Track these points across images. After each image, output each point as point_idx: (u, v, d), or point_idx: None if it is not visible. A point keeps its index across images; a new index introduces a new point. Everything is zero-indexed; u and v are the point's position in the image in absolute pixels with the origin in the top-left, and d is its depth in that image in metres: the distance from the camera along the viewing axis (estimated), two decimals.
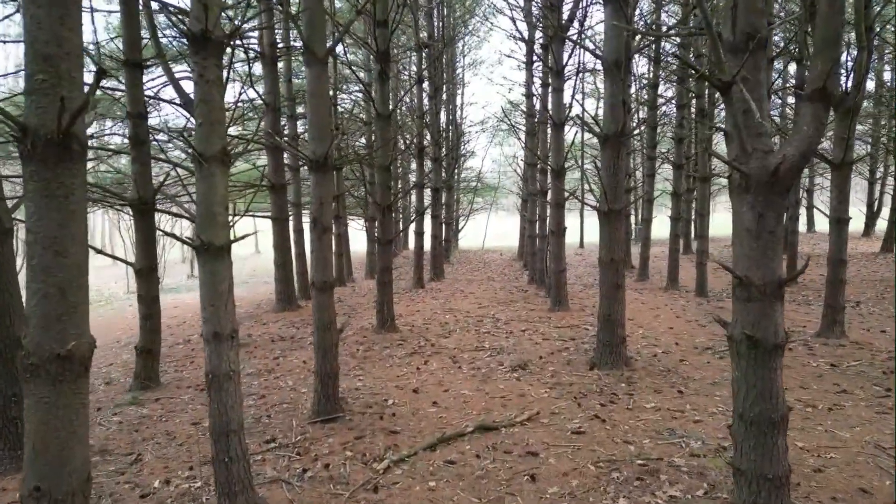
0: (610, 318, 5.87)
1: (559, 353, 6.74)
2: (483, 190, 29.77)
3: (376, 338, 7.85)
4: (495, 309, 9.86)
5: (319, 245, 4.76)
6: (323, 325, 4.77)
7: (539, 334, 7.76)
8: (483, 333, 7.93)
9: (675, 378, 5.62)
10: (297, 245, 11.69)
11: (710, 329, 7.85)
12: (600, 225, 5.93)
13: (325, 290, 4.76)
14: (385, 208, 7.84)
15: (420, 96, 12.77)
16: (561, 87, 8.75)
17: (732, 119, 2.80)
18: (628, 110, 5.68)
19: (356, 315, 9.88)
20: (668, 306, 9.83)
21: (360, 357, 6.94)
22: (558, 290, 9.05)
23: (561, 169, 8.78)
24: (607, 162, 5.74)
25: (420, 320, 9.05)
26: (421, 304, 10.85)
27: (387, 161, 7.81)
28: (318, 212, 4.73)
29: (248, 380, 6.27)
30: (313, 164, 4.69)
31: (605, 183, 5.68)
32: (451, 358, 6.71)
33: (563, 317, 8.80)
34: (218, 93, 3.21)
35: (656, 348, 6.83)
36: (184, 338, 8.86)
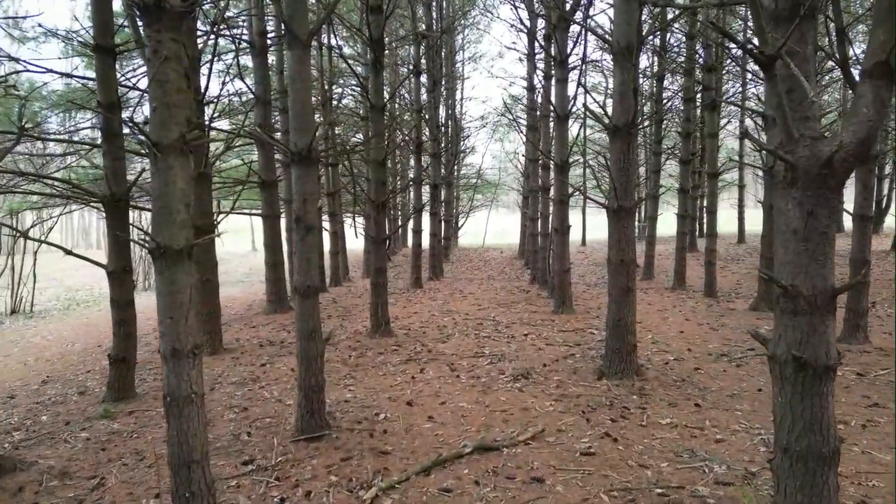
0: (620, 324, 5.44)
1: (564, 360, 6.32)
2: (483, 187, 29.33)
3: (370, 343, 7.42)
4: (496, 311, 9.44)
5: (303, 246, 4.33)
6: (306, 333, 4.34)
7: (542, 339, 7.34)
8: (483, 338, 7.50)
9: (690, 389, 5.20)
10: (290, 244, 11.25)
11: (722, 333, 7.43)
12: (609, 223, 5.50)
13: (308, 295, 4.33)
14: (379, 205, 7.41)
15: (418, 90, 12.32)
16: (565, 78, 8.30)
17: (776, 99, 2.36)
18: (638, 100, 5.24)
19: (350, 317, 9.46)
20: (676, 308, 9.41)
21: (351, 364, 6.52)
22: (562, 291, 8.63)
23: (564, 164, 8.35)
24: (617, 155, 5.31)
25: (417, 323, 8.63)
26: (418, 305, 10.42)
27: (381, 156, 7.38)
28: (302, 209, 4.30)
29: (231, 389, 5.86)
30: (295, 156, 4.26)
31: (615, 178, 5.25)
32: (449, 365, 6.29)
33: (567, 320, 8.37)
34: (176, 72, 2.78)
35: (668, 355, 6.41)
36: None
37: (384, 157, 7.39)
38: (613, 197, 5.31)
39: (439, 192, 14.65)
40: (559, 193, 8.47)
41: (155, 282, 2.88)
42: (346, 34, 13.23)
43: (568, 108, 8.34)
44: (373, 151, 7.46)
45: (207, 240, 6.90)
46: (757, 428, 4.28)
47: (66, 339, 9.83)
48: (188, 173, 2.86)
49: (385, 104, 7.38)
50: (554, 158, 8.40)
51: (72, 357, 8.34)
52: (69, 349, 9.06)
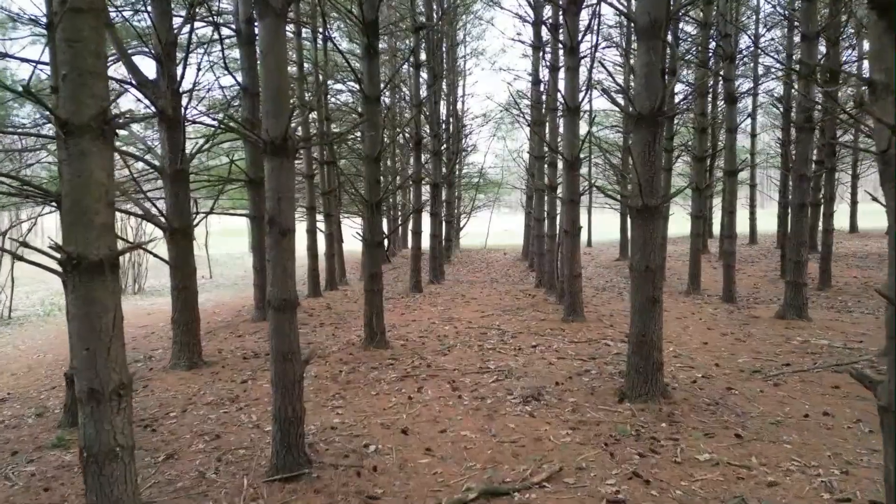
0: (644, 340, 4.78)
1: (579, 377, 5.65)
2: (485, 186, 28.65)
3: (363, 356, 6.77)
4: (501, 318, 8.78)
5: (278, 251, 3.68)
6: (282, 354, 3.69)
7: (553, 351, 6.68)
8: (487, 350, 6.84)
9: (726, 414, 4.53)
10: None
11: (751, 345, 6.76)
12: (633, 225, 4.84)
13: (284, 309, 3.68)
14: (373, 205, 6.76)
15: (417, 83, 11.67)
16: (575, 66, 7.64)
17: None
18: (668, 81, 4.58)
19: (344, 325, 8.80)
20: (695, 315, 8.74)
21: (342, 382, 5.86)
22: (573, 297, 7.97)
23: (575, 160, 7.69)
24: (642, 147, 4.65)
25: (415, 333, 7.97)
26: (417, 311, 9.77)
27: (375, 151, 6.73)
28: (276, 209, 3.65)
29: (205, 411, 5.21)
30: (268, 146, 3.61)
31: (640, 172, 4.59)
32: (450, 383, 5.63)
33: (578, 329, 7.71)
34: (93, 29, 2.12)
35: (694, 371, 5.75)
36: (145, 353, 7.79)
37: (379, 152, 6.74)
38: (638, 194, 4.65)
39: (440, 192, 14.00)
40: (569, 192, 7.81)
41: (66, 302, 2.22)
42: (338, 17, 12.55)
43: (579, 100, 7.68)
44: (367, 146, 6.81)
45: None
46: (813, 466, 3.62)
47: (38, 349, 9.19)
48: (109, 162, 2.21)
49: (381, 94, 6.73)
50: (563, 154, 7.74)
51: (40, 370, 7.70)
52: (39, 360, 8.43)
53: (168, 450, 4.35)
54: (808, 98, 6.78)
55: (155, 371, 6.71)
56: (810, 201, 7.89)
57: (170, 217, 6.42)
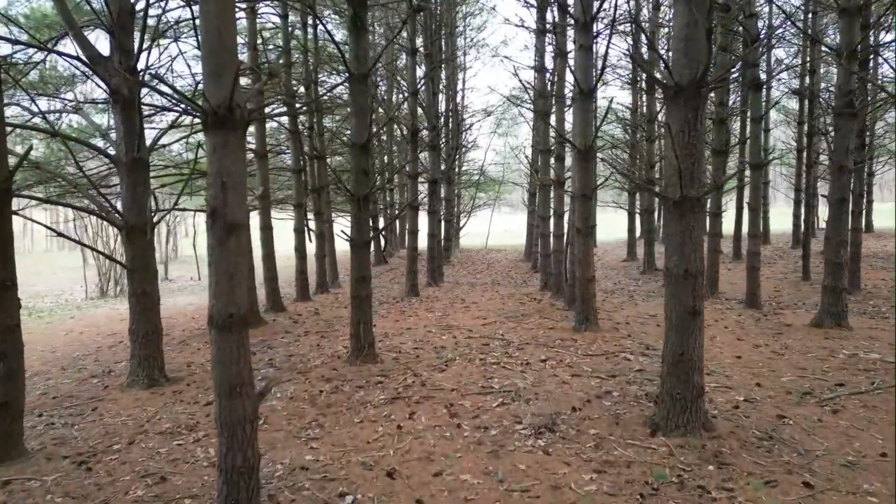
0: (682, 359, 3.94)
1: (599, 400, 4.82)
2: (486, 184, 27.80)
3: (349, 372, 5.93)
4: (504, 326, 7.94)
5: (222, 253, 2.84)
6: (228, 388, 2.85)
7: (565, 367, 5.84)
8: (490, 365, 6.01)
9: (785, 453, 3.70)
10: (265, 245, 9.78)
11: (791, 360, 5.93)
12: (668, 221, 4.01)
13: (231, 328, 2.84)
14: (360, 200, 5.92)
15: (413, 70, 10.84)
16: (589, 45, 6.81)
17: None
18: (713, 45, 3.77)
19: (331, 334, 7.97)
20: (719, 322, 7.90)
21: (321, 405, 5.02)
22: (585, 304, 7.12)
23: (588, 149, 6.85)
24: (680, 125, 3.81)
25: (409, 343, 7.13)
26: (413, 318, 8.93)
27: (362, 138, 5.89)
28: (219, 198, 2.81)
29: (156, 443, 4.37)
30: (209, 116, 2.77)
31: (679, 157, 3.75)
32: (448, 407, 4.80)
33: (593, 339, 6.87)
34: None
35: (733, 393, 4.91)
36: (106, 367, 6.95)
37: (367, 139, 5.90)
38: (676, 183, 3.81)
39: (438, 189, 13.15)
40: (581, 185, 6.96)
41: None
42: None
43: (593, 82, 6.84)
44: (353, 132, 5.97)
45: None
46: None
47: None
48: None
49: (368, 73, 5.89)
50: (575, 143, 6.90)
51: None
52: None
53: (99, 498, 3.52)
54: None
55: (110, 389, 5.87)
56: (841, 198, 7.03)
57: (126, 213, 5.59)
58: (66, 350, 8.37)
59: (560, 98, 9.66)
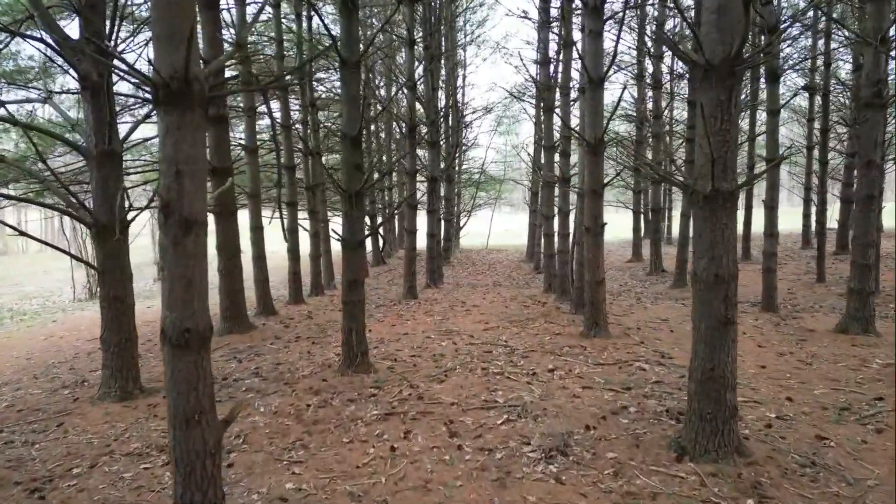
0: (713, 376, 3.48)
1: (615, 416, 4.35)
2: (486, 183, 27.33)
3: (340, 383, 5.46)
4: (508, 331, 7.47)
5: (177, 256, 2.38)
6: (184, 417, 2.39)
7: (575, 377, 5.38)
8: (493, 375, 5.54)
9: (832, 482, 3.23)
10: (256, 246, 9.31)
11: (821, 370, 5.46)
12: (696, 217, 3.54)
13: (188, 346, 2.38)
14: (352, 196, 5.45)
15: (411, 63, 10.37)
16: (599, 30, 6.34)
17: None
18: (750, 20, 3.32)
19: (324, 340, 7.50)
20: (738, 327, 7.42)
21: (308, 421, 4.55)
22: (595, 308, 6.65)
23: (599, 142, 6.38)
24: (713, 109, 3.35)
25: (406, 350, 6.67)
26: (411, 322, 8.46)
27: (354, 129, 5.42)
28: (174, 189, 2.35)
29: (121, 466, 3.92)
30: (159, 90, 2.30)
31: (712, 144, 3.28)
32: (447, 424, 4.33)
33: (603, 346, 6.40)
34: None
35: (762, 408, 4.44)
36: (80, 376, 6.47)
37: (359, 130, 5.43)
38: (707, 175, 3.34)
39: (438, 187, 12.68)
40: (591, 181, 6.49)
41: None
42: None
43: (603, 70, 6.38)
44: (344, 122, 5.50)
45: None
46: None
47: None
48: None
49: (361, 59, 5.42)
50: (584, 136, 6.43)
51: None
52: None
53: None
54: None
55: (80, 402, 5.40)
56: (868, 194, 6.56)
57: (96, 210, 5.12)
58: (42, 356, 7.90)
59: (566, 90, 9.19)
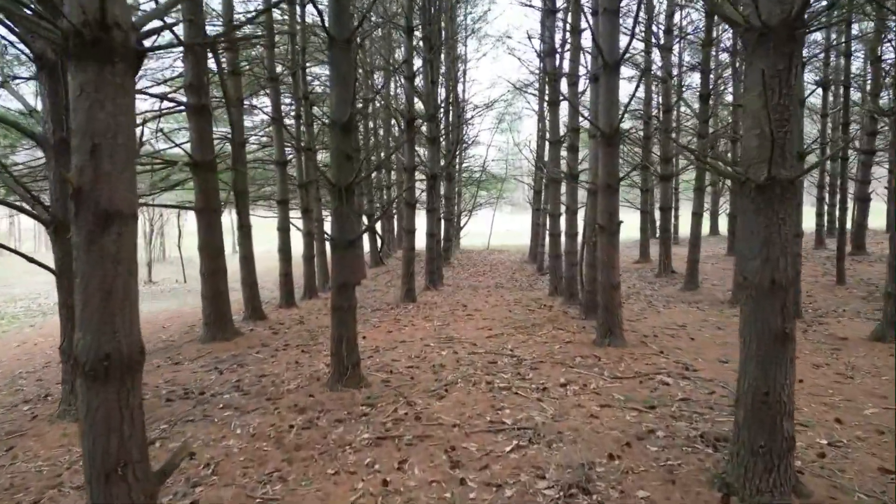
0: (768, 402, 2.91)
1: (640, 442, 3.78)
2: (487, 182, 26.75)
3: (328, 399, 4.89)
4: (513, 338, 6.90)
5: (92, 258, 1.80)
6: (103, 469, 1.82)
7: (592, 393, 4.81)
8: (499, 390, 4.96)
9: None
10: (243, 246, 8.75)
11: (864, 385, 4.90)
12: (745, 210, 2.97)
13: (106, 377, 1.80)
14: (342, 191, 4.88)
15: (409, 50, 9.79)
16: (615, 8, 5.78)
17: None
18: None
19: (314, 348, 6.93)
20: None
21: (289, 446, 3.98)
22: (609, 314, 6.08)
23: (614, 132, 5.81)
24: (769, 80, 2.77)
25: (403, 360, 6.09)
26: (409, 328, 7.89)
27: (344, 116, 4.84)
28: (88, 170, 1.78)
29: (69, 501, 3.34)
30: (69, 39, 1.73)
31: (773, 124, 2.71)
32: (448, 452, 3.76)
33: (619, 356, 5.83)
34: None
35: (811, 433, 3.87)
36: (45, 389, 5.89)
37: (350, 116, 4.86)
38: (763, 161, 2.77)
39: (437, 185, 12.12)
40: (606, 175, 5.92)
41: None
42: None
43: (620, 54, 5.81)
44: (333, 108, 4.93)
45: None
46: None
47: None
48: None
49: (352, 37, 4.85)
50: (598, 125, 5.86)
51: None
52: None
53: None
54: None
55: (38, 420, 4.83)
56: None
57: (53, 206, 4.55)
58: (10, 366, 7.34)
59: (574, 79, 8.63)
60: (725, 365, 5.55)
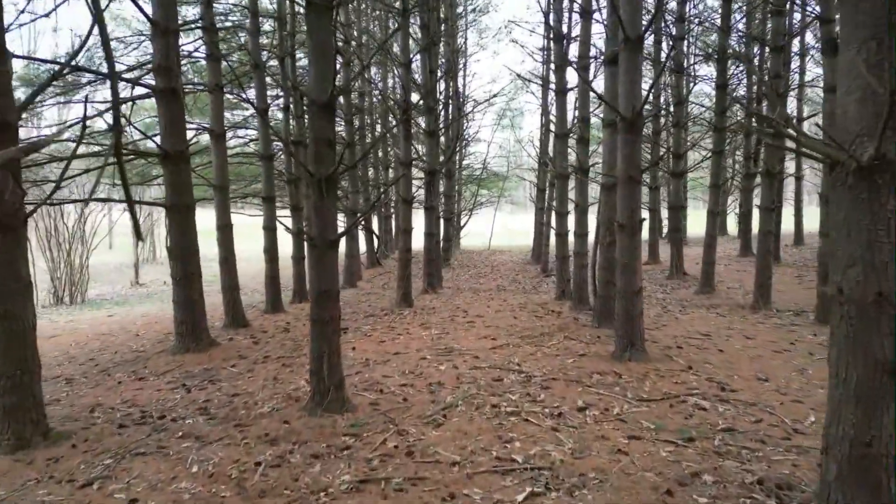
0: (872, 454, 2.20)
1: (685, 490, 3.06)
2: (488, 180, 26.01)
3: (305, 427, 4.16)
4: (520, 350, 6.18)
5: None
6: None
7: (615, 420, 4.08)
8: (507, 416, 4.24)
9: None
10: (223, 247, 8.03)
11: None
12: (840, 202, 2.25)
13: None
14: (322, 182, 4.15)
15: (406, 36, 9.08)
16: None
17: None
18: None
19: (295, 361, 6.20)
20: (798, 345, 6.15)
21: (252, 492, 3.26)
22: (630, 323, 5.36)
23: (637, 116, 5.08)
24: (874, 30, 2.05)
25: (395, 376, 5.37)
26: (403, 337, 7.17)
27: (325, 94, 4.12)
28: None
29: None
30: None
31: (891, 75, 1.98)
32: (447, 501, 3.04)
33: (642, 372, 5.10)
34: None
35: None
36: None
37: (331, 93, 4.13)
38: (872, 135, 2.05)
39: (437, 181, 11.39)
40: (628, 166, 5.19)
41: None
42: None
43: (643, 27, 5.09)
44: (311, 84, 4.21)
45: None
46: None
47: None
48: None
49: (332, 1, 4.12)
50: (618, 108, 5.13)
51: None
52: None
53: None
54: None
55: None
56: None
57: None
58: None
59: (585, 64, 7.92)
60: (766, 384, 4.83)
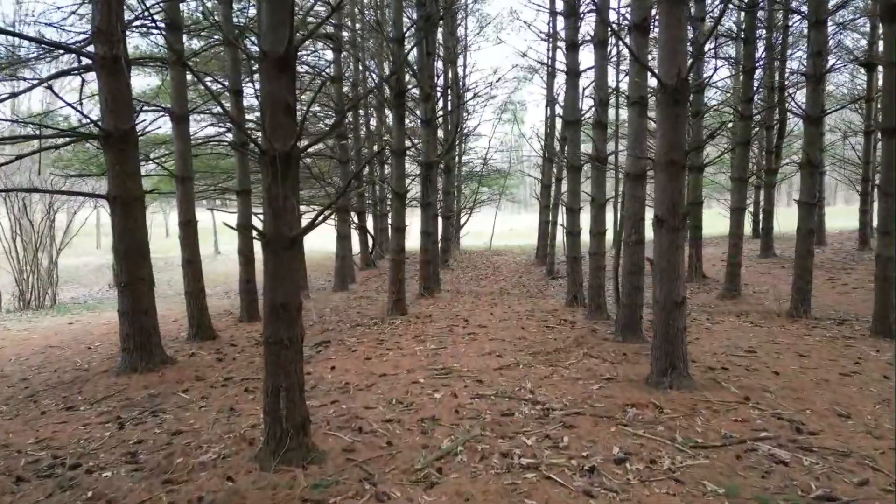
0: None
1: None
2: (489, 177, 24.96)
3: (252, 488, 3.12)
4: (532, 371, 5.14)
5: None
6: None
7: (667, 479, 3.04)
8: (521, 473, 3.20)
9: None
10: (186, 247, 7.00)
11: None
12: None
13: None
14: (278, 159, 3.12)
15: (399, 10, 8.06)
16: None
17: None
18: None
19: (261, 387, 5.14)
20: (861, 363, 5.12)
21: None
22: (670, 343, 4.32)
23: (682, 83, 4.05)
24: None
25: (379, 407, 4.32)
26: (393, 352, 6.12)
27: (280, 45, 3.10)
28: None
29: None
30: None
31: None
32: None
33: (690, 406, 4.05)
34: None
35: None
36: None
37: (288, 44, 3.10)
38: None
39: (434, 175, 10.36)
40: (669, 147, 4.15)
41: None
42: None
43: None
44: (264, 35, 3.17)
45: None
46: None
47: None
48: None
49: None
50: (659, 76, 4.10)
51: None
52: None
53: None
54: None
55: None
56: None
57: None
58: None
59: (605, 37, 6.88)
60: (849, 423, 3.80)
